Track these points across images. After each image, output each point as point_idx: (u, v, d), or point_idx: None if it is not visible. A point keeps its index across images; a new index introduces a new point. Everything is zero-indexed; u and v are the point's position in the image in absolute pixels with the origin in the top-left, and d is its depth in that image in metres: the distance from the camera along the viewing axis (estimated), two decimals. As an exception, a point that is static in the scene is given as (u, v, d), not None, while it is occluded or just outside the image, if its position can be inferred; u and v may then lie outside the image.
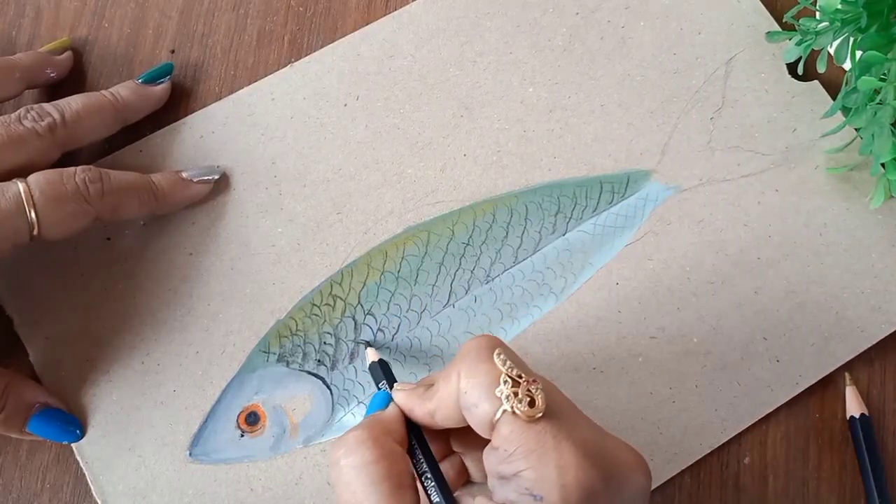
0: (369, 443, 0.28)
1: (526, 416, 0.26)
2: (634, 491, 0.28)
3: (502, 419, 0.27)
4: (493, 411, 0.27)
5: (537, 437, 0.26)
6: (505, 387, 0.27)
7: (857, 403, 0.39)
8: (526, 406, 0.26)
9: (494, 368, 0.27)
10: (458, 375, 0.28)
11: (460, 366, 0.28)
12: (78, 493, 0.38)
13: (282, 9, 0.44)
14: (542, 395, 0.27)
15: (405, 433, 0.30)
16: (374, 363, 0.36)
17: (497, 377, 0.27)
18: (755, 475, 0.39)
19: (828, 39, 0.39)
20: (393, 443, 0.29)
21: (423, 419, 0.30)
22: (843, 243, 0.41)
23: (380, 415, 0.31)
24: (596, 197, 0.41)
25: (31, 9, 0.44)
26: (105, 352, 0.38)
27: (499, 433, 0.27)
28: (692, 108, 0.42)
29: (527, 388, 0.27)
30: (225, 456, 0.37)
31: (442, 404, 0.29)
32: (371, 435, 0.28)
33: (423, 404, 0.30)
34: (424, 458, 0.30)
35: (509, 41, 0.43)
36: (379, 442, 0.28)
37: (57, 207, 0.34)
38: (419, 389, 0.31)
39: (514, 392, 0.27)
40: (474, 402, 0.27)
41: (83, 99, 0.38)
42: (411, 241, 0.40)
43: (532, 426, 0.26)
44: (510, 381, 0.27)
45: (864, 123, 0.38)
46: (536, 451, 0.26)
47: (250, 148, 0.41)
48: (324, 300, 0.39)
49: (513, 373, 0.27)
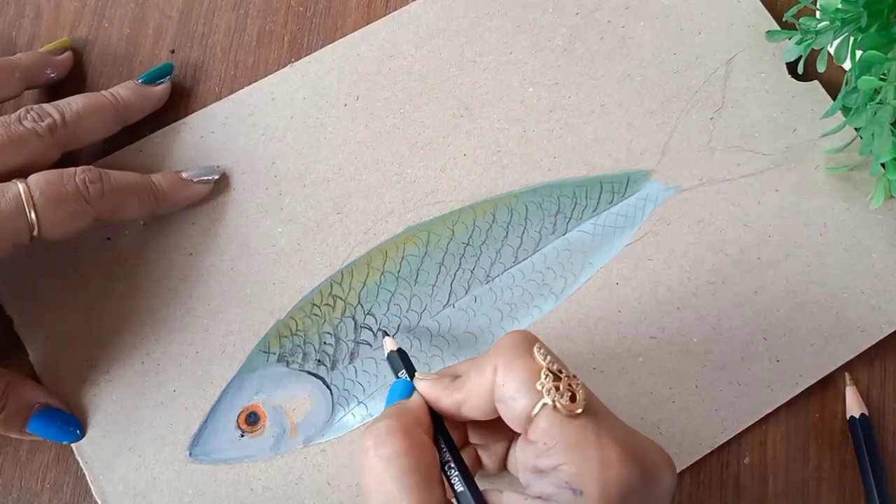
0: (400, 433, 0.28)
1: (566, 411, 0.26)
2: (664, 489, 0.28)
3: (541, 413, 0.27)
4: (532, 405, 0.27)
5: (578, 432, 0.26)
6: (546, 380, 0.27)
7: (857, 403, 0.39)
8: (567, 400, 0.26)
9: (534, 363, 0.28)
10: (493, 369, 0.28)
11: (497, 359, 0.28)
12: (78, 493, 0.38)
13: (282, 9, 0.44)
14: (582, 390, 0.27)
15: (431, 423, 0.30)
16: (392, 352, 0.35)
17: (536, 371, 0.27)
18: (755, 475, 0.39)
19: (828, 39, 0.39)
20: (422, 434, 0.29)
21: (449, 409, 0.30)
22: (843, 243, 0.41)
23: (406, 404, 0.30)
24: (596, 197, 0.41)
25: (31, 9, 0.44)
26: (105, 352, 0.38)
27: (537, 427, 0.27)
28: (692, 108, 0.42)
29: (568, 383, 0.27)
30: (225, 456, 0.37)
31: (472, 395, 0.29)
32: (402, 425, 0.28)
33: (451, 395, 0.30)
34: (447, 448, 0.30)
35: (509, 41, 0.43)
36: (409, 433, 0.28)
37: (57, 208, 0.34)
38: (444, 380, 0.31)
39: (556, 386, 0.27)
40: (512, 395, 0.27)
41: (83, 99, 0.38)
42: (411, 241, 0.40)
43: (572, 421, 0.26)
44: (551, 376, 0.27)
45: (864, 123, 0.38)
46: (577, 446, 0.26)
47: (250, 148, 0.41)
48: (324, 300, 0.39)
49: (553, 367, 0.27)
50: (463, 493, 0.28)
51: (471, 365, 0.30)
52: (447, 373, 0.31)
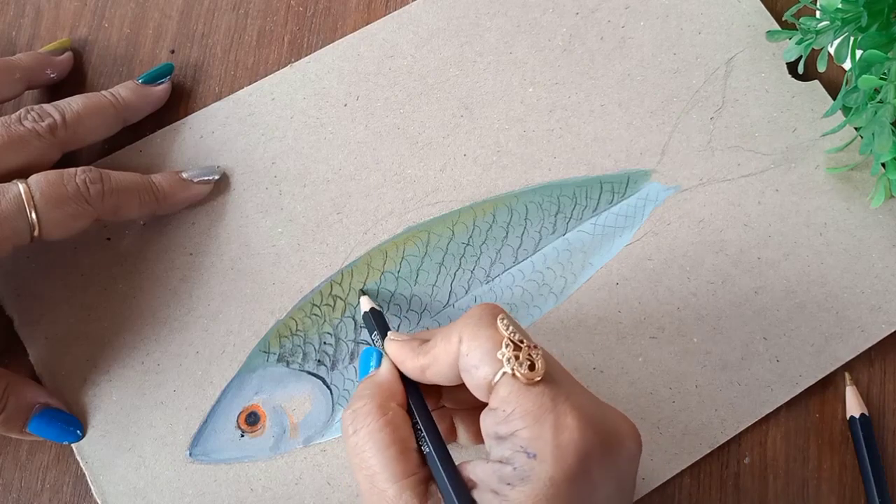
0: (375, 412, 0.30)
1: (525, 379, 0.27)
2: (627, 458, 0.28)
3: (501, 381, 0.28)
4: (493, 373, 0.28)
5: (535, 399, 0.27)
6: (507, 350, 0.28)
7: (857, 403, 0.39)
8: (526, 369, 0.27)
9: (497, 333, 0.28)
10: (459, 338, 0.29)
11: (463, 329, 0.29)
12: (78, 493, 0.38)
13: (282, 9, 0.44)
14: (542, 360, 0.28)
15: (404, 392, 0.31)
16: (366, 313, 0.36)
17: (499, 342, 0.28)
18: (755, 475, 0.39)
19: (828, 38, 0.39)
20: (396, 407, 0.30)
21: (413, 372, 0.31)
22: (843, 243, 0.41)
23: (377, 378, 0.32)
24: (596, 197, 0.41)
25: (31, 9, 0.44)
26: (105, 352, 0.38)
27: (497, 394, 0.28)
28: (692, 108, 0.42)
29: (528, 353, 0.28)
30: (225, 456, 0.37)
31: (437, 361, 0.30)
32: (376, 404, 0.30)
33: (416, 359, 0.31)
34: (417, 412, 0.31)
35: (509, 41, 0.43)
36: (383, 409, 0.30)
37: (57, 208, 0.34)
38: (413, 342, 0.32)
39: (516, 355, 0.27)
40: (475, 363, 0.28)
41: (83, 99, 0.38)
42: (411, 241, 0.40)
43: (531, 388, 0.27)
44: (512, 345, 0.28)
45: (865, 122, 0.38)
46: (533, 412, 0.27)
47: (250, 148, 0.41)
48: (324, 300, 0.39)
49: (515, 337, 0.28)
50: (429, 454, 0.29)
51: (439, 332, 0.31)
52: (420, 336, 0.32)
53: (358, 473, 0.29)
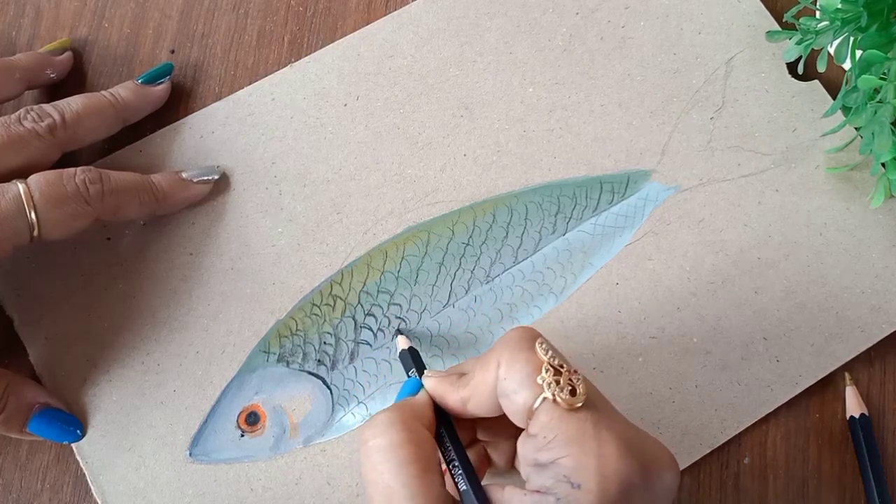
0: (398, 425, 0.28)
1: (567, 405, 0.27)
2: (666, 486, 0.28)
3: (542, 407, 0.27)
4: (533, 399, 0.27)
5: (577, 426, 0.26)
6: (547, 375, 0.27)
7: (857, 403, 0.39)
8: (567, 395, 0.27)
9: (535, 357, 0.28)
10: (497, 364, 0.28)
11: (500, 354, 0.28)
12: (78, 493, 0.38)
13: (282, 9, 0.44)
14: (582, 384, 0.27)
15: (434, 419, 0.30)
16: (404, 351, 0.35)
17: (538, 366, 0.27)
18: (755, 475, 0.39)
19: (828, 39, 0.39)
20: (421, 427, 0.29)
21: (455, 406, 0.30)
22: (843, 243, 0.41)
23: (409, 400, 0.31)
24: (596, 197, 0.41)
25: (31, 9, 0.44)
26: (105, 352, 0.38)
27: (537, 420, 0.27)
28: (692, 108, 0.42)
29: (568, 378, 0.27)
30: (225, 456, 0.37)
31: (477, 392, 0.29)
32: (400, 417, 0.29)
33: (456, 391, 0.30)
34: (452, 446, 0.30)
35: (509, 41, 0.43)
36: (408, 425, 0.28)
37: (57, 208, 0.34)
38: (451, 377, 0.31)
39: (556, 380, 0.27)
40: (514, 388, 0.28)
41: (83, 99, 0.38)
42: (411, 241, 0.40)
43: (572, 414, 0.27)
44: (552, 370, 0.27)
45: (865, 122, 0.38)
46: (576, 440, 0.26)
47: (250, 148, 0.41)
48: (324, 300, 0.39)
49: (554, 362, 0.27)
50: (466, 491, 0.28)
51: (475, 362, 0.30)
52: (455, 371, 0.32)
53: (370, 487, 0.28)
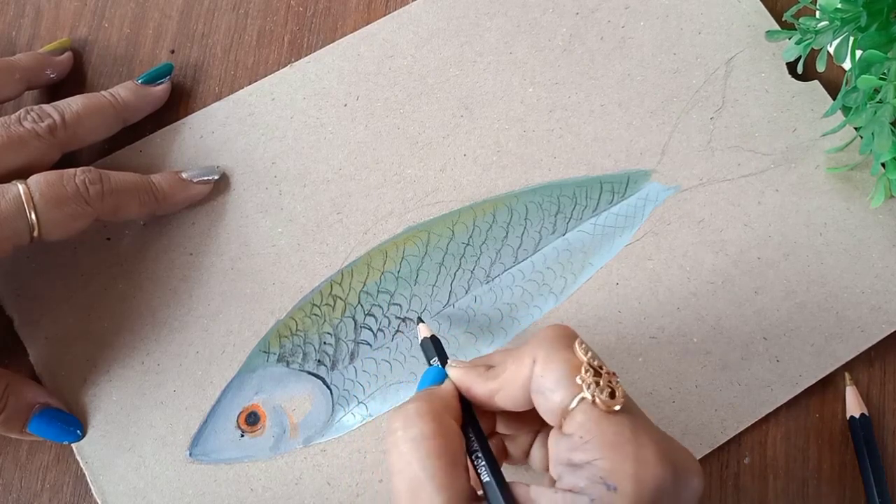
0: (429, 417, 0.28)
1: (605, 407, 0.27)
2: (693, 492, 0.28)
3: (579, 407, 0.27)
4: (570, 398, 0.27)
5: (615, 428, 0.26)
6: (587, 375, 0.27)
7: (857, 403, 0.39)
8: (607, 396, 0.27)
9: (574, 357, 0.28)
10: (532, 360, 0.28)
11: (537, 351, 0.28)
12: (78, 493, 0.38)
13: (282, 9, 0.44)
14: (621, 388, 0.27)
15: (459, 410, 0.30)
16: (426, 339, 0.35)
17: (576, 366, 0.27)
18: (755, 475, 0.39)
19: (828, 38, 0.39)
20: (451, 419, 0.29)
21: (482, 397, 0.30)
22: (843, 243, 0.41)
23: (437, 389, 0.30)
24: (596, 197, 0.41)
25: (31, 9, 0.44)
26: (105, 352, 0.38)
27: (573, 420, 0.27)
28: (692, 108, 0.42)
29: (608, 380, 0.27)
30: (225, 456, 0.37)
31: (507, 385, 0.29)
32: (431, 409, 0.28)
33: (485, 384, 0.30)
34: (476, 438, 0.30)
35: (509, 41, 0.43)
36: (438, 417, 0.28)
37: (57, 209, 0.34)
38: (479, 368, 0.31)
39: (596, 381, 0.27)
40: (551, 387, 0.28)
41: (83, 100, 0.38)
42: (411, 241, 0.40)
43: (610, 417, 0.27)
44: (592, 371, 0.27)
45: (864, 122, 0.38)
46: (614, 442, 0.26)
47: (250, 148, 0.41)
48: (324, 300, 0.39)
49: (595, 363, 0.27)
50: (489, 483, 0.28)
51: (507, 355, 0.30)
52: (479, 362, 0.31)
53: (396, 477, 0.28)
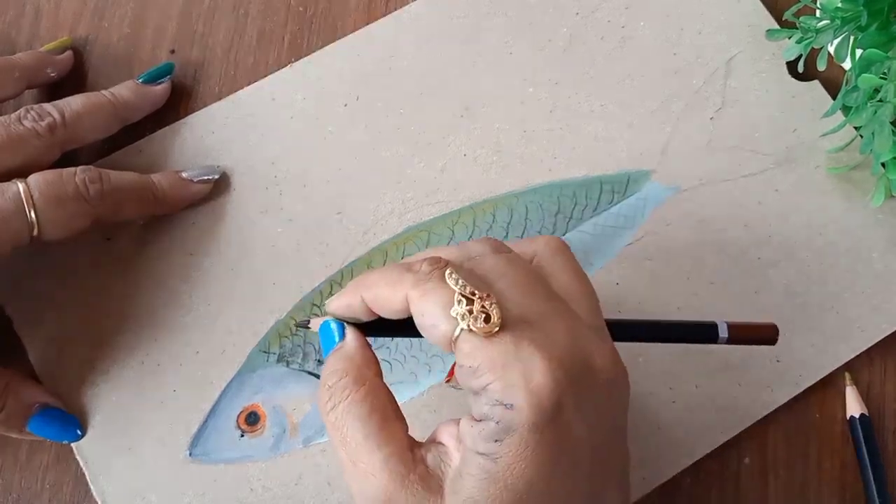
0: (352, 384, 0.29)
1: (483, 333, 0.26)
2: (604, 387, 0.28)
3: (461, 337, 0.27)
4: (452, 330, 0.27)
5: (499, 349, 0.26)
6: (459, 306, 0.27)
7: (857, 403, 0.39)
8: (482, 323, 0.26)
9: (446, 287, 0.27)
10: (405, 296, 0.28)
11: (412, 290, 0.28)
12: (78, 493, 0.38)
13: (282, 9, 0.44)
14: (496, 308, 0.27)
15: (375, 358, 0.30)
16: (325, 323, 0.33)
17: (451, 297, 0.27)
18: (755, 475, 0.39)
19: (828, 37, 0.39)
20: (373, 376, 0.29)
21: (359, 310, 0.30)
22: (843, 243, 0.41)
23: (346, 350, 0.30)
24: (596, 197, 0.41)
25: (31, 9, 0.44)
26: (105, 352, 0.38)
27: (461, 351, 0.27)
28: (692, 108, 0.42)
29: (481, 305, 0.27)
30: (225, 456, 0.37)
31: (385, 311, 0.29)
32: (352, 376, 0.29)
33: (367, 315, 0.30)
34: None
35: (509, 41, 0.43)
36: (359, 380, 0.29)
37: (56, 208, 0.34)
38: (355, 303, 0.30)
39: (469, 310, 0.26)
40: (432, 322, 0.27)
41: (83, 99, 0.38)
42: (411, 241, 0.40)
43: (493, 339, 0.26)
44: (464, 300, 0.27)
45: (865, 122, 0.38)
46: (500, 363, 0.26)
47: (250, 148, 0.41)
48: (324, 300, 0.39)
49: (466, 291, 0.27)
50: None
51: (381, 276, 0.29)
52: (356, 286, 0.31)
53: (339, 450, 0.28)
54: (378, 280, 0.29)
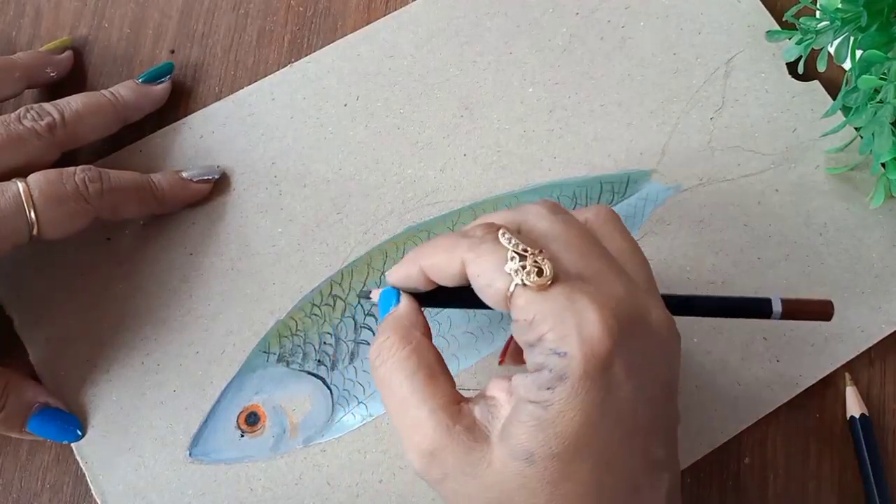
0: (399, 342, 0.30)
1: (537, 287, 0.27)
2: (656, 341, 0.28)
3: (515, 293, 0.28)
4: (506, 287, 0.28)
5: (552, 301, 0.27)
6: (512, 263, 0.28)
7: (857, 403, 0.39)
8: (535, 276, 0.27)
9: (500, 247, 0.28)
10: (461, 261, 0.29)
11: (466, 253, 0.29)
12: (78, 493, 0.38)
13: (282, 9, 0.44)
14: (548, 263, 0.28)
15: (425, 323, 0.32)
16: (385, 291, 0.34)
17: (504, 255, 0.28)
18: (755, 475, 0.39)
19: (828, 38, 0.39)
20: (420, 335, 0.31)
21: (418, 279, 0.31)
22: (843, 243, 0.41)
23: (397, 312, 0.32)
24: (596, 197, 0.41)
25: (31, 9, 0.44)
26: (105, 352, 0.38)
27: (516, 306, 0.28)
28: (692, 108, 0.42)
29: (533, 260, 0.28)
30: (225, 456, 0.37)
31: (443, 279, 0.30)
32: (399, 335, 0.30)
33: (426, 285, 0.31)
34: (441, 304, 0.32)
35: (509, 41, 0.43)
36: (406, 338, 0.30)
37: (56, 207, 0.34)
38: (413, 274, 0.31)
39: (522, 266, 0.28)
40: (487, 282, 0.28)
41: (83, 98, 0.38)
42: (411, 241, 0.40)
43: (545, 293, 0.27)
44: (517, 257, 0.28)
45: (865, 122, 0.38)
46: (553, 314, 0.27)
47: (250, 148, 0.41)
48: (324, 300, 0.39)
49: (518, 248, 0.28)
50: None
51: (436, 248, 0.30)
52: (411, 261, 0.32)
53: (389, 405, 0.30)
54: (435, 248, 0.30)
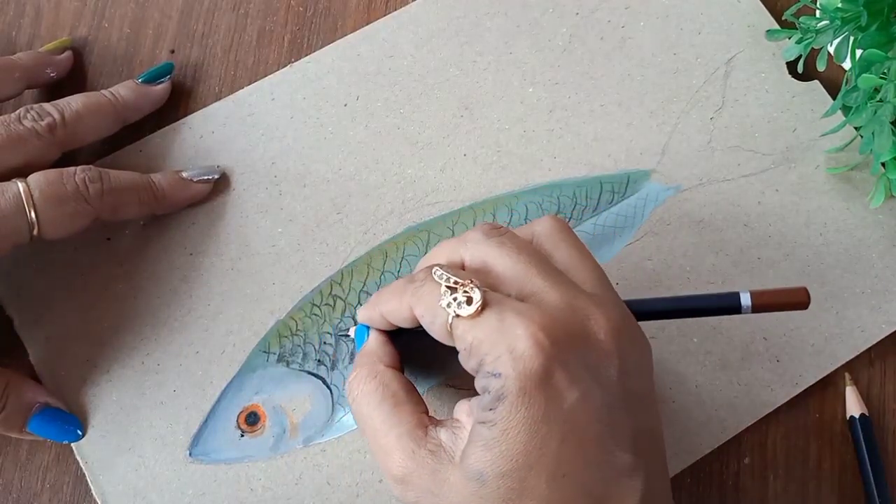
0: (365, 378, 0.32)
1: (469, 315, 0.28)
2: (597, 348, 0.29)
3: (453, 324, 0.29)
4: (446, 321, 0.29)
5: (484, 326, 0.28)
6: (445, 297, 0.29)
7: (857, 403, 0.39)
8: (465, 306, 0.28)
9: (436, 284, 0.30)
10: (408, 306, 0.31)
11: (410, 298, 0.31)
12: (78, 493, 0.38)
13: (282, 9, 0.44)
14: (476, 291, 0.28)
15: (391, 353, 0.33)
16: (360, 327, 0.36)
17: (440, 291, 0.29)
18: (755, 475, 0.39)
19: (828, 38, 0.39)
20: (383, 367, 0.32)
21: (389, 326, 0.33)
22: (843, 243, 0.41)
23: (365, 347, 0.34)
24: (596, 197, 0.41)
25: (31, 9, 0.44)
26: (105, 352, 0.38)
27: (456, 337, 0.29)
28: (692, 108, 0.42)
29: (463, 291, 0.29)
30: (225, 456, 0.37)
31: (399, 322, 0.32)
32: (364, 370, 0.32)
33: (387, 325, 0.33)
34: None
35: (509, 41, 0.43)
36: (371, 372, 0.32)
37: (56, 207, 0.34)
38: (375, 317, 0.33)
39: (454, 298, 0.29)
40: (431, 320, 0.30)
41: (83, 99, 0.38)
42: (411, 241, 0.40)
43: (477, 320, 0.28)
44: (448, 291, 0.29)
45: (865, 122, 0.38)
46: (487, 338, 0.28)
47: (250, 148, 0.41)
48: (324, 300, 0.39)
49: (449, 282, 0.29)
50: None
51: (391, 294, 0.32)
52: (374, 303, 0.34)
53: (365, 435, 0.31)
54: (388, 296, 0.32)
